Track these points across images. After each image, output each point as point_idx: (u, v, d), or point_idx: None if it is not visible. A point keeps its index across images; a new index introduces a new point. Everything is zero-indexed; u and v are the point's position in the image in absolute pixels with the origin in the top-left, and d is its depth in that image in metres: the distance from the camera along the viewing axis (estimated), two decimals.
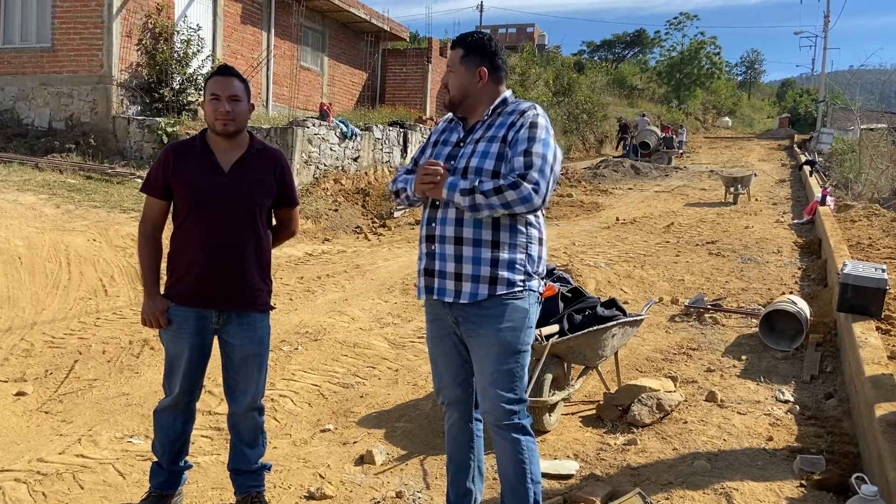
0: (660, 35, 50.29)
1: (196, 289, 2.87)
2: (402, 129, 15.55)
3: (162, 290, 2.95)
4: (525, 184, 2.45)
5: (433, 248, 2.64)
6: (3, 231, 7.22)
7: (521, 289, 2.59)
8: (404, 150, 15.36)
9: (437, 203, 2.63)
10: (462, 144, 2.68)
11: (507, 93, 2.71)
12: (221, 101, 2.83)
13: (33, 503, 3.17)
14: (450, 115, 2.83)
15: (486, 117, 2.66)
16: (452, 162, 2.65)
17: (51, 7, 12.61)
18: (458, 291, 2.58)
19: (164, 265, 2.99)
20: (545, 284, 2.79)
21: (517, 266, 2.58)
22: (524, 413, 2.64)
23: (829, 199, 12.38)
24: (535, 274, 2.64)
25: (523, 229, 2.60)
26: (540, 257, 2.67)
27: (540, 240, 2.67)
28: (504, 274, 2.56)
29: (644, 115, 29.28)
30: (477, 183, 2.49)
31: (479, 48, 2.66)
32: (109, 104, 12.38)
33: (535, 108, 2.61)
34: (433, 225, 2.64)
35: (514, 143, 2.53)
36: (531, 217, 2.62)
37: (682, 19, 45.90)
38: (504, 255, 2.56)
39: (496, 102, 2.67)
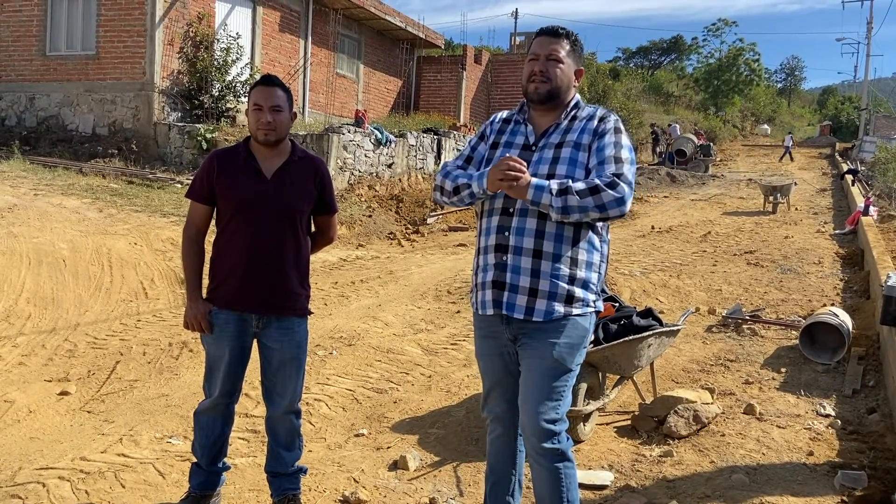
0: (697, 42, 49.62)
1: (237, 293, 2.92)
2: (436, 136, 15.62)
3: (204, 294, 3.01)
4: (622, 184, 2.33)
5: (504, 259, 2.46)
6: (48, 234, 7.43)
7: (592, 309, 2.51)
8: (438, 157, 15.43)
9: (511, 211, 2.47)
10: (535, 148, 2.55)
11: (577, 96, 2.62)
12: (264, 112, 2.88)
13: (76, 500, 3.25)
14: (503, 114, 2.71)
15: (563, 120, 2.55)
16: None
17: (95, 16, 12.98)
18: (530, 308, 2.44)
19: (206, 269, 3.05)
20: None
21: (591, 285, 2.50)
22: (564, 436, 2.49)
23: (872, 209, 12.09)
24: (599, 294, 2.56)
25: (599, 247, 2.52)
26: (603, 277, 2.61)
27: (607, 258, 2.61)
28: (579, 293, 2.46)
29: (675, 124, 28.96)
30: (570, 182, 2.34)
31: (580, 49, 2.57)
32: (151, 111, 12.67)
33: (614, 114, 2.55)
34: (506, 234, 2.46)
35: (599, 148, 2.45)
36: (605, 234, 2.55)
37: (720, 25, 45.19)
38: (581, 273, 2.46)
39: (571, 105, 2.58)
